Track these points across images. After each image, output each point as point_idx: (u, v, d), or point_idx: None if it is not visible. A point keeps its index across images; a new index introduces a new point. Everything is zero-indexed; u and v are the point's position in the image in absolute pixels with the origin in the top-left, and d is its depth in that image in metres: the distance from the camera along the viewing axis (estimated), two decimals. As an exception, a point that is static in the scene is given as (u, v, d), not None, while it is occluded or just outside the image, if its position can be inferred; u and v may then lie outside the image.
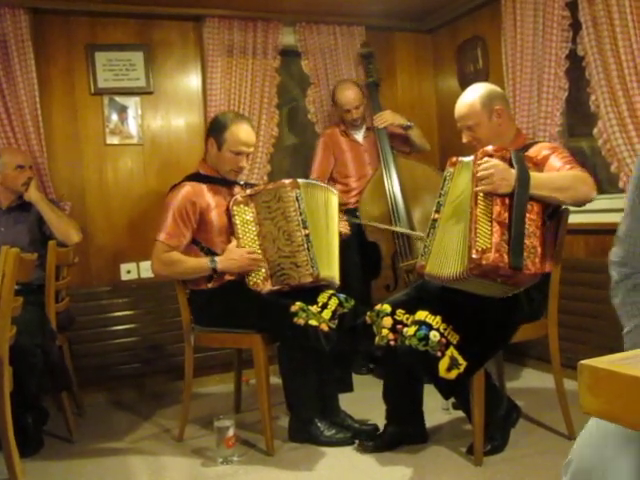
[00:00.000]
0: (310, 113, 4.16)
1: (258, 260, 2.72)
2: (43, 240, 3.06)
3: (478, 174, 2.24)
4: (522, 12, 3.46)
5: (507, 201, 2.21)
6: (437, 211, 2.47)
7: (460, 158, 2.45)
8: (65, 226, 3.14)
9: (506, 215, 2.19)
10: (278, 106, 4.06)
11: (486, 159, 2.27)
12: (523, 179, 2.20)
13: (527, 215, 2.20)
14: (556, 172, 2.33)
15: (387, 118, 3.82)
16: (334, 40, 4.15)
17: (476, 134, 2.56)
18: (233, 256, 2.72)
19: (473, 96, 2.57)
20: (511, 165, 2.25)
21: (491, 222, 2.18)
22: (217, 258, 2.73)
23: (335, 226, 2.90)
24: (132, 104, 3.81)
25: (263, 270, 2.74)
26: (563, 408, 2.60)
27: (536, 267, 2.20)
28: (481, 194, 2.22)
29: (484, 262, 2.13)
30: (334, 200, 2.94)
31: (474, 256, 2.14)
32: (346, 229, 3.03)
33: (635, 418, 0.76)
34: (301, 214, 2.72)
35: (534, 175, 2.24)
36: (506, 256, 2.13)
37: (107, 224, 3.77)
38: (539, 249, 2.22)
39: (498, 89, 2.65)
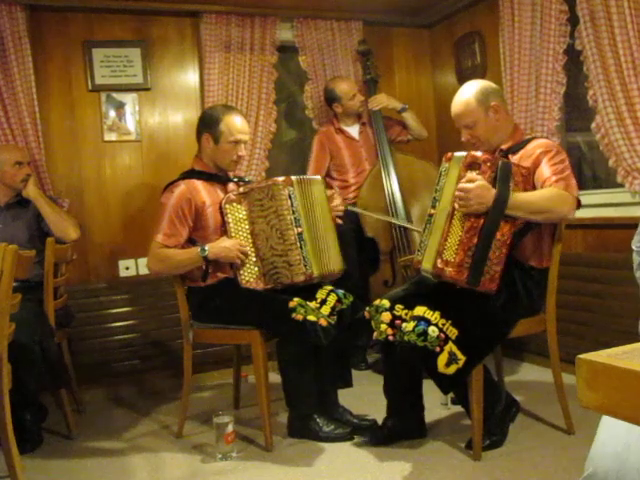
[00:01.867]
0: (308, 109, 4.15)
1: (247, 254, 2.72)
2: (41, 237, 3.05)
3: (457, 193, 2.29)
4: (520, 6, 3.46)
5: (481, 218, 2.26)
6: (433, 206, 2.48)
7: (455, 154, 2.45)
8: (63, 223, 3.14)
9: (475, 232, 2.27)
10: (276, 102, 4.05)
11: (469, 176, 2.29)
12: (500, 202, 2.24)
13: (497, 232, 2.26)
14: (538, 192, 2.34)
15: (382, 100, 3.84)
16: (332, 36, 4.14)
17: (474, 132, 2.55)
18: (225, 244, 2.71)
19: (468, 94, 2.55)
20: (495, 179, 2.27)
21: (461, 236, 2.28)
22: (207, 246, 2.71)
23: (329, 216, 2.87)
24: (130, 100, 3.80)
25: (256, 268, 2.73)
26: (562, 402, 2.60)
27: (493, 284, 2.28)
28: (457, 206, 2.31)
29: (446, 273, 2.29)
30: (321, 187, 2.89)
31: (439, 265, 2.31)
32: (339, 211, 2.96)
33: (633, 412, 0.76)
34: (294, 212, 2.71)
35: (513, 197, 2.26)
36: (466, 272, 2.26)
37: (105, 221, 3.76)
38: (501, 266, 2.28)
39: (493, 85, 2.63)
